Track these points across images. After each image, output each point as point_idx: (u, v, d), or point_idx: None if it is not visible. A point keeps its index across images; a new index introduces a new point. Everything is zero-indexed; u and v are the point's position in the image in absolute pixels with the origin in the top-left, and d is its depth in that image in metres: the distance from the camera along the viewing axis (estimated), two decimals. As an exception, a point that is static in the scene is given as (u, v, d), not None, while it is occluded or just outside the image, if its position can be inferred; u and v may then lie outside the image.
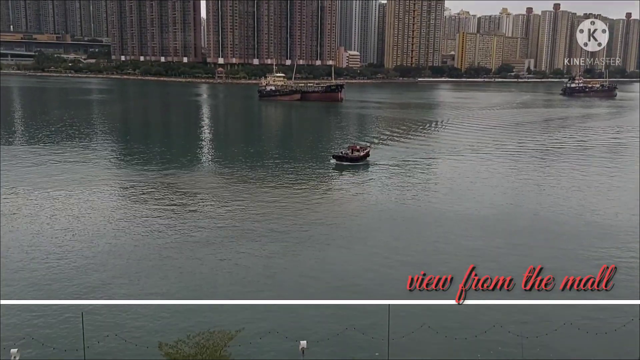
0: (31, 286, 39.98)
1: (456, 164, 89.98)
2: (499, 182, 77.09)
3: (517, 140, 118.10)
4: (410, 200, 67.10)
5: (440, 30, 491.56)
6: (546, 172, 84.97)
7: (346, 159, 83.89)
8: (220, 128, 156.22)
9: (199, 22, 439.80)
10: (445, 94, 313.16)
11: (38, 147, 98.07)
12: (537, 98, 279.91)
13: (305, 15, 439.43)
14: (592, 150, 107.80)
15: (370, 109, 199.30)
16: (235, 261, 45.38)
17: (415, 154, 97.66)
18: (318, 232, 52.93)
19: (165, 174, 76.43)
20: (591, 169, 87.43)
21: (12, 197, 62.35)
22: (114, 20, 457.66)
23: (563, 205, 64.59)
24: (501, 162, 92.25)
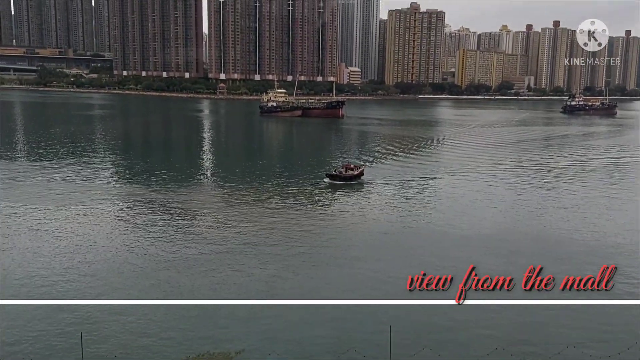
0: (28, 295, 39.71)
1: (455, 182, 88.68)
2: (499, 201, 76.16)
3: (517, 158, 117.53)
4: (406, 219, 65.54)
5: (440, 47, 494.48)
6: (547, 191, 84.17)
7: (340, 178, 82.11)
8: (221, 144, 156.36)
9: (201, 38, 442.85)
10: (445, 111, 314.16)
11: (39, 163, 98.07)
12: (538, 116, 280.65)
13: (306, 32, 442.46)
14: (594, 169, 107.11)
15: (371, 126, 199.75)
16: (234, 280, 45.15)
17: (412, 172, 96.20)
18: (308, 253, 51.95)
19: (165, 191, 76.26)
20: (593, 188, 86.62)
21: (12, 213, 62.13)
22: (116, 35, 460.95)
23: (564, 226, 64.21)
24: (501, 180, 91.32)
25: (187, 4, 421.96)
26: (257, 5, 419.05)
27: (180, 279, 45.03)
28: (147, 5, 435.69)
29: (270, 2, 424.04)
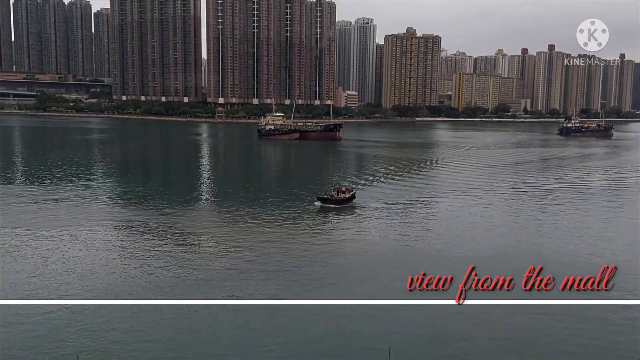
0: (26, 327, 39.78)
1: (451, 204, 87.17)
2: (497, 223, 75.33)
3: (514, 180, 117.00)
4: (401, 242, 63.83)
5: (437, 71, 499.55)
6: (545, 213, 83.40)
7: (331, 201, 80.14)
8: (219, 167, 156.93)
9: (200, 63, 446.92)
10: (442, 133, 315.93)
11: (37, 187, 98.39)
12: (534, 138, 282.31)
13: (304, 56, 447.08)
14: (591, 190, 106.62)
15: (368, 148, 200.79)
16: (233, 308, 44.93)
17: (407, 195, 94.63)
18: (295, 275, 51.13)
19: (163, 214, 76.44)
20: (591, 210, 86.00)
21: (11, 237, 62.23)
22: (115, 61, 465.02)
23: (563, 247, 63.87)
24: (499, 202, 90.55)
25: (187, 30, 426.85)
26: (255, 31, 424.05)
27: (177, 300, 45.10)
28: (146, 32, 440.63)
29: (269, 28, 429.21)
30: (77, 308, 42.00)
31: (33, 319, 39.52)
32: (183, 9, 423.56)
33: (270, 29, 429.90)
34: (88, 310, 41.59)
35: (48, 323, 39.05)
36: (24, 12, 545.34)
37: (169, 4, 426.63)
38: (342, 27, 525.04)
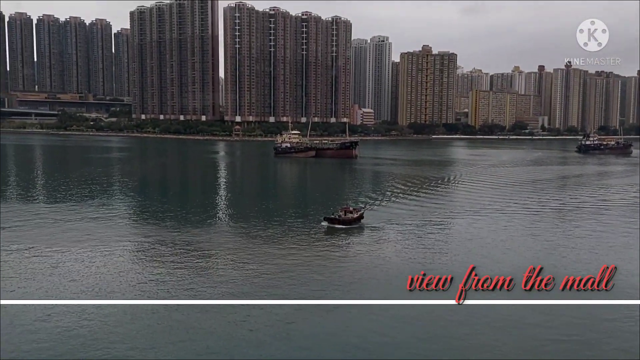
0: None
1: (465, 225, 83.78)
2: (515, 242, 73.37)
3: (532, 198, 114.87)
4: (408, 266, 60.10)
5: (453, 88, 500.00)
6: (565, 232, 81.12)
7: (338, 222, 77.98)
8: (235, 185, 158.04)
9: (217, 82, 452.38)
10: (459, 150, 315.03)
11: (57, 204, 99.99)
12: (552, 155, 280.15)
13: (320, 75, 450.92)
14: (612, 208, 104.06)
15: (384, 166, 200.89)
16: (249, 326, 45.33)
17: (419, 215, 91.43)
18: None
19: (179, 232, 77.23)
20: (612, 228, 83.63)
21: (29, 254, 63.42)
22: (135, 80, 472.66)
23: (584, 269, 62.39)
24: (516, 221, 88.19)
25: (204, 50, 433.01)
26: (272, 50, 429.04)
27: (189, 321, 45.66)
28: (165, 51, 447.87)
29: (285, 46, 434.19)
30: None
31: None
32: (201, 29, 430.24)
33: (286, 47, 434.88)
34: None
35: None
36: (46, 33, 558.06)
37: (187, 24, 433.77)
38: (358, 45, 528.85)
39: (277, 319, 40.14)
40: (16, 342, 37.14)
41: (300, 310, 40.61)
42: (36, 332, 39.12)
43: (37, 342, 38.04)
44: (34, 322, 41.32)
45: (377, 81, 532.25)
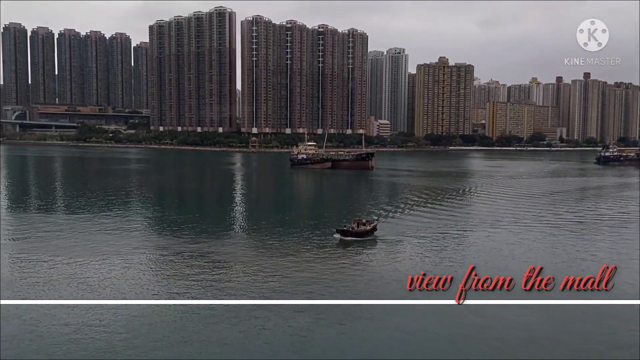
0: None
1: (480, 238, 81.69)
2: (535, 256, 70.73)
3: (551, 210, 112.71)
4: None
5: (470, 99, 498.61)
6: (584, 246, 78.99)
7: (351, 234, 76.42)
8: (252, 196, 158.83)
9: (235, 94, 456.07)
10: (476, 162, 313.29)
11: (76, 215, 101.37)
12: (571, 167, 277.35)
13: (336, 86, 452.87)
14: (634, 221, 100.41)
15: (400, 177, 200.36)
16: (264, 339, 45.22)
17: (433, 227, 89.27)
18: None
19: (196, 242, 77.76)
20: (634, 242, 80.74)
21: (48, 264, 64.39)
22: (153, 93, 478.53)
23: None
24: (535, 234, 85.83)
25: (222, 63, 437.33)
26: (288, 62, 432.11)
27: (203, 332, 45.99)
28: (183, 64, 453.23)
29: (301, 59, 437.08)
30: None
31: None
32: (219, 42, 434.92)
33: (303, 60, 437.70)
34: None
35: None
36: (67, 47, 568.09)
37: (205, 38, 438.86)
38: (374, 57, 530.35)
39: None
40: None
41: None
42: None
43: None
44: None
45: (394, 93, 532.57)
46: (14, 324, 42.48)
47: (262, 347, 36.35)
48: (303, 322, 38.48)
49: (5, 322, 42.49)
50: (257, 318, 44.01)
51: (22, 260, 65.87)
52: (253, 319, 43.26)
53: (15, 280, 57.51)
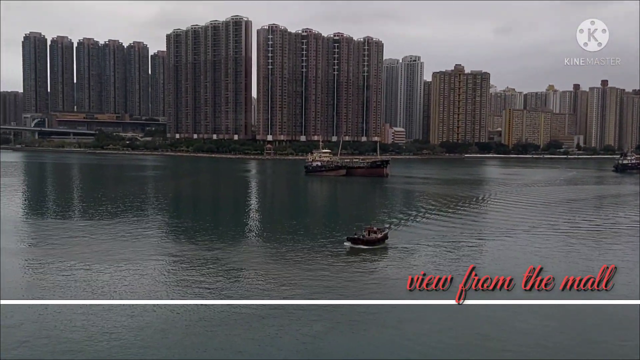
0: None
1: (494, 247, 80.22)
2: (551, 265, 67.11)
3: (568, 218, 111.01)
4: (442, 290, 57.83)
5: (486, 107, 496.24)
6: (602, 256, 76.83)
7: (362, 242, 75.71)
8: (266, 203, 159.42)
9: (250, 102, 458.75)
10: (492, 170, 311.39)
11: (93, 221, 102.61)
12: (588, 175, 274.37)
13: (351, 94, 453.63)
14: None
15: (415, 185, 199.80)
16: (276, 345, 45.21)
17: (446, 235, 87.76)
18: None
19: (210, 249, 78.20)
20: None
21: (65, 268, 65.27)
22: (170, 101, 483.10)
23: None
24: (552, 242, 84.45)
25: (238, 71, 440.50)
26: (303, 70, 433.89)
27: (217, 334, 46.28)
28: (200, 72, 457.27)
29: (317, 67, 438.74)
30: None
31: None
32: (235, 51, 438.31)
33: (318, 68, 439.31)
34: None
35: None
36: (86, 55, 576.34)
37: (221, 46, 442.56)
38: (390, 64, 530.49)
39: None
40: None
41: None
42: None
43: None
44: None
45: (409, 100, 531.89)
46: (35, 324, 43.14)
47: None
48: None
49: (25, 322, 43.20)
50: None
51: (40, 264, 66.89)
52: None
53: (33, 282, 58.52)
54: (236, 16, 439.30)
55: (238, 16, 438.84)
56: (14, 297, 51.17)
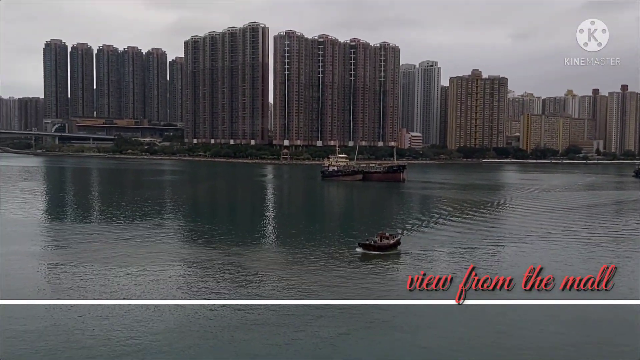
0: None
1: (510, 255, 78.40)
2: (571, 272, 69.37)
3: (587, 224, 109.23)
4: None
5: (504, 112, 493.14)
6: (622, 262, 73.51)
7: (374, 248, 74.81)
8: (282, 207, 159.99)
9: (267, 107, 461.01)
10: (509, 175, 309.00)
11: (111, 225, 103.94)
12: (608, 180, 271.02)
13: (367, 99, 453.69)
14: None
15: (432, 190, 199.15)
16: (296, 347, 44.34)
17: (461, 241, 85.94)
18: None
19: (228, 254, 78.80)
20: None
21: (82, 272, 66.31)
22: (188, 106, 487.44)
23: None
24: (571, 249, 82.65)
25: (255, 76, 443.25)
26: (320, 76, 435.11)
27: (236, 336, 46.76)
28: (217, 78, 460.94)
29: (333, 72, 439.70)
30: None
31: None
32: (252, 57, 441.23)
33: (334, 73, 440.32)
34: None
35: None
36: (106, 62, 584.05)
37: (239, 52, 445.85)
38: (407, 70, 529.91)
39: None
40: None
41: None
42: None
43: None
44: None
45: (426, 105, 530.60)
46: (54, 325, 44.00)
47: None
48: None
49: (45, 322, 44.06)
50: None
51: (58, 266, 68.07)
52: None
53: (50, 283, 59.63)
54: (253, 22, 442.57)
55: (255, 22, 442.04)
56: (29, 297, 52.19)
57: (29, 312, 46.41)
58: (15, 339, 39.96)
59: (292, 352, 35.66)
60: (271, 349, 37.08)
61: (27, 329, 41.75)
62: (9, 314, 44.54)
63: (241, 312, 47.92)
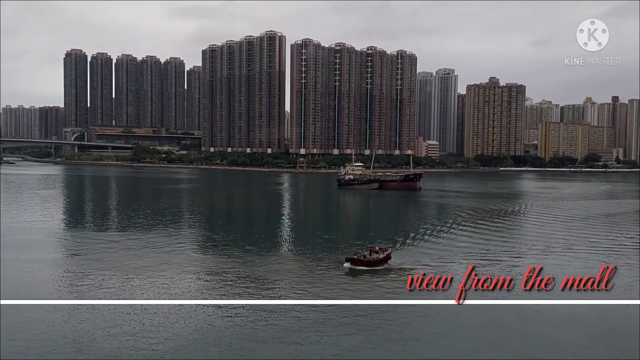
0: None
1: (518, 269, 71.58)
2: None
3: (606, 234, 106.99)
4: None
5: (521, 120, 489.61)
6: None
7: (362, 263, 69.42)
8: (299, 216, 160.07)
9: (283, 116, 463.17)
10: (527, 183, 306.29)
11: (128, 233, 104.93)
12: (628, 188, 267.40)
13: (384, 107, 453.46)
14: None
15: (448, 198, 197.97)
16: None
17: (460, 255, 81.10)
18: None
19: (244, 263, 79.04)
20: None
21: (99, 279, 67.05)
22: (205, 115, 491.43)
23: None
24: (590, 261, 77.86)
25: (271, 85, 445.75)
26: (336, 84, 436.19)
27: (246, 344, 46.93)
28: (234, 87, 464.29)
29: (349, 81, 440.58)
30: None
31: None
32: (269, 65, 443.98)
33: (351, 81, 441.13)
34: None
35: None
36: (124, 71, 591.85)
37: (256, 61, 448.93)
38: (423, 78, 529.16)
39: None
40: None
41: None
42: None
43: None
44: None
45: (443, 113, 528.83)
46: (73, 324, 44.61)
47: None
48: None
49: (68, 321, 44.64)
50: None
51: (75, 272, 68.93)
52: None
53: (68, 284, 60.44)
54: (270, 31, 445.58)
55: (272, 31, 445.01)
56: (48, 297, 53.05)
57: (50, 314, 47.23)
58: (34, 340, 40.63)
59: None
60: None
61: (47, 330, 42.43)
62: (29, 314, 45.25)
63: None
